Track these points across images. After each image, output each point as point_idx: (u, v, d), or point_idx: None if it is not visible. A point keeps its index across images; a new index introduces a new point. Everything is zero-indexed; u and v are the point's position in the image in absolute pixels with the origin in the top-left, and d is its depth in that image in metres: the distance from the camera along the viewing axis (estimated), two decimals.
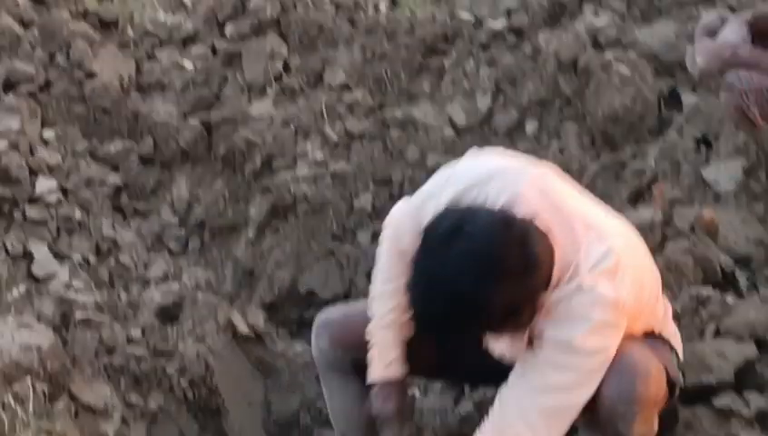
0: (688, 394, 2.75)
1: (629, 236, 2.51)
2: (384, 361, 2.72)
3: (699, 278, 3.24)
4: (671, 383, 2.47)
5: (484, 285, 2.14)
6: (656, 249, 3.36)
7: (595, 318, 2.25)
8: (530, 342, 2.36)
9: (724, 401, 2.67)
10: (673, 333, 2.64)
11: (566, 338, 2.26)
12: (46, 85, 5.16)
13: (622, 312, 2.28)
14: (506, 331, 2.36)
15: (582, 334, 2.24)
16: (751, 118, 3.40)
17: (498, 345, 2.57)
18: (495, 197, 2.34)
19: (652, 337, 2.50)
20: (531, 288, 2.23)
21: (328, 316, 2.94)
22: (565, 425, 2.31)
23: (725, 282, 3.27)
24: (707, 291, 3.11)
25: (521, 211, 2.28)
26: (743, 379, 2.76)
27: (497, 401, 2.38)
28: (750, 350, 2.77)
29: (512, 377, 2.37)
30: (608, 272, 2.27)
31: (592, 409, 2.34)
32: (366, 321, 2.78)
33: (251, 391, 3.91)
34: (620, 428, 2.37)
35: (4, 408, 2.75)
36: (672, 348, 2.58)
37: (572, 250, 2.29)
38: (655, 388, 2.38)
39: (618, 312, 2.27)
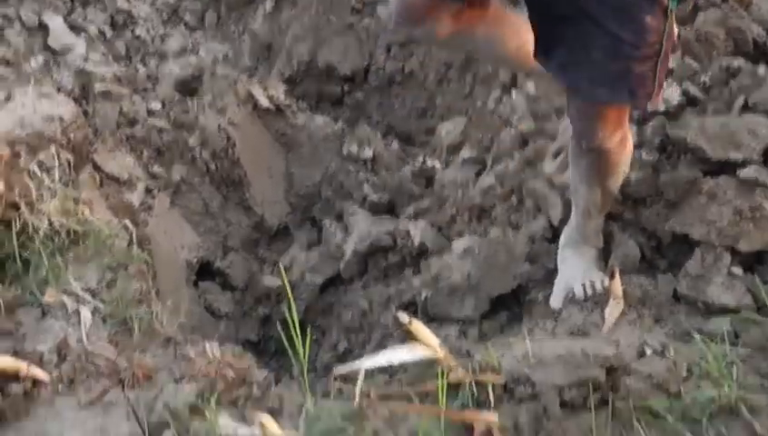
0: (713, 166, 2.74)
1: None
2: None
3: (730, 49, 3.16)
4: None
5: None
6: (687, 19, 3.26)
7: None
8: None
9: (750, 172, 2.64)
10: None
11: None
12: None
13: None
14: None
15: None
16: None
17: None
18: None
19: None
20: None
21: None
22: None
23: (757, 54, 3.18)
24: (738, 62, 3.04)
25: None
26: None
27: None
28: None
29: None
30: None
31: None
32: None
33: (273, 163, 3.92)
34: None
35: (30, 176, 2.74)
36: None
37: None
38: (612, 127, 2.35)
39: None
